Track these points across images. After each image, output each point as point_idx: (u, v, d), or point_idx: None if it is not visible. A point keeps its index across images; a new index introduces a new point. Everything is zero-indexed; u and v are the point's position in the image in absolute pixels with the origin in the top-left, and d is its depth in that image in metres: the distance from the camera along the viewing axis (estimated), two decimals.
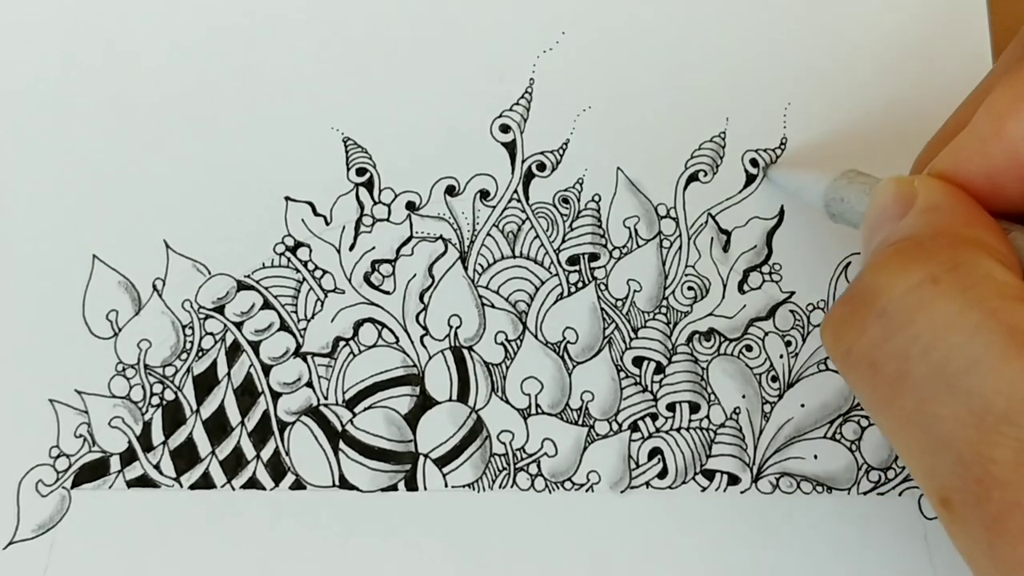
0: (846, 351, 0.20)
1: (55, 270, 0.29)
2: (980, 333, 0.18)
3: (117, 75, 0.30)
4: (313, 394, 0.28)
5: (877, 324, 0.19)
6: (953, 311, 0.18)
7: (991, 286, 0.19)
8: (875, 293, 0.20)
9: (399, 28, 0.31)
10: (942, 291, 0.19)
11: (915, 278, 0.19)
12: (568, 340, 0.28)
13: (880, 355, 0.19)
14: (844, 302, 0.21)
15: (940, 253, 0.20)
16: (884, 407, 0.19)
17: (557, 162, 0.30)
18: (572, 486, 0.28)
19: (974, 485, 0.18)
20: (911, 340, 0.19)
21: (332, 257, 0.29)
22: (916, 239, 0.20)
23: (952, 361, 0.18)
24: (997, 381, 0.18)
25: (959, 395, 0.18)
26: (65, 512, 0.27)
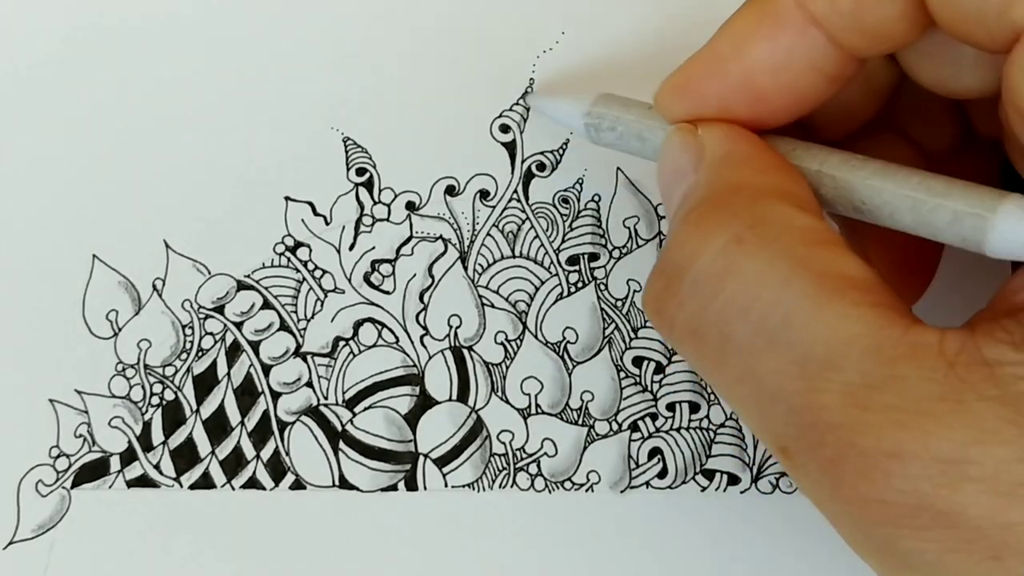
0: (670, 324, 0.20)
1: (55, 270, 0.29)
2: (790, 285, 0.18)
3: (117, 75, 0.30)
4: (313, 394, 0.28)
5: (692, 294, 0.20)
6: (761, 268, 0.19)
7: (794, 235, 0.19)
8: (684, 263, 0.20)
9: (399, 28, 0.31)
10: (747, 250, 0.19)
11: (719, 241, 0.19)
12: (568, 340, 0.28)
13: (701, 324, 0.19)
14: (657, 275, 0.21)
15: (739, 212, 0.20)
16: (714, 372, 0.20)
17: (557, 162, 0.30)
18: (572, 486, 0.28)
19: (808, 431, 0.18)
20: (727, 304, 0.19)
21: (332, 257, 0.29)
22: (713, 200, 0.20)
23: (769, 318, 0.18)
24: (814, 329, 0.18)
25: (780, 349, 0.18)
26: (65, 512, 0.27)
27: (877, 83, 0.24)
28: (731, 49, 0.22)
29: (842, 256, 0.19)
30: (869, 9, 0.20)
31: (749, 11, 0.22)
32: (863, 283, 0.19)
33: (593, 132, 0.26)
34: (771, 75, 0.21)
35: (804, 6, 0.21)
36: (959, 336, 0.17)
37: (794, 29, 0.21)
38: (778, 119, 0.22)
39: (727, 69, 0.22)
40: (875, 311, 0.18)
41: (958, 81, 0.22)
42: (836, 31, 0.21)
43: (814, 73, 0.21)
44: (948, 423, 0.17)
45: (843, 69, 0.21)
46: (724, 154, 0.21)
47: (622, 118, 0.25)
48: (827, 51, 0.21)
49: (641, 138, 0.25)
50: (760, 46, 0.21)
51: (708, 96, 0.22)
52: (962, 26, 0.19)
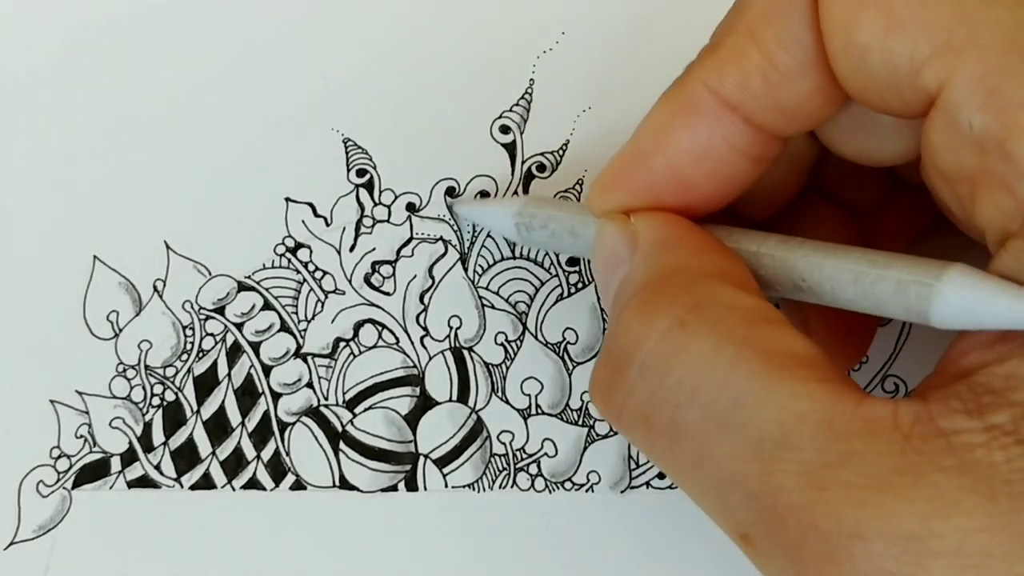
0: (618, 412, 0.20)
1: (55, 271, 0.29)
2: (738, 366, 0.18)
3: (117, 74, 0.30)
4: (313, 395, 0.28)
5: (640, 380, 0.19)
6: (707, 350, 0.18)
7: (736, 315, 0.19)
8: (630, 349, 0.19)
9: (399, 28, 0.31)
10: (691, 332, 0.19)
11: (663, 325, 0.19)
12: (568, 341, 0.28)
13: (651, 409, 0.19)
14: (604, 364, 0.20)
15: (679, 295, 0.19)
16: (667, 458, 0.19)
17: (557, 163, 0.30)
18: (572, 486, 0.28)
19: (768, 515, 0.17)
20: (675, 388, 0.19)
21: (332, 258, 0.29)
22: (652, 285, 0.20)
23: (719, 400, 0.18)
24: (765, 409, 0.17)
25: (733, 431, 0.18)
26: (66, 513, 0.27)
27: (800, 159, 0.24)
28: (653, 142, 0.22)
29: (786, 334, 0.19)
30: (781, 89, 0.20)
31: (665, 102, 0.22)
32: (809, 360, 0.18)
33: (524, 232, 0.26)
34: (695, 163, 0.21)
35: (717, 92, 0.21)
36: (912, 407, 0.17)
37: (711, 116, 0.21)
38: (709, 206, 0.22)
39: (652, 162, 0.22)
40: (824, 387, 0.18)
41: (880, 151, 0.22)
42: (752, 113, 0.21)
43: (738, 156, 0.21)
44: (908, 497, 0.16)
45: (766, 149, 0.21)
46: (659, 238, 0.21)
47: (554, 215, 0.25)
48: (747, 134, 0.21)
49: (574, 233, 0.24)
50: (680, 136, 0.21)
51: (637, 190, 0.22)
52: (875, 96, 0.19)
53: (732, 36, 0.21)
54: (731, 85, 0.20)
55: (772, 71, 0.20)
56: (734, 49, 0.20)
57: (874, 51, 0.18)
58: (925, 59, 0.18)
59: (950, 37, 0.18)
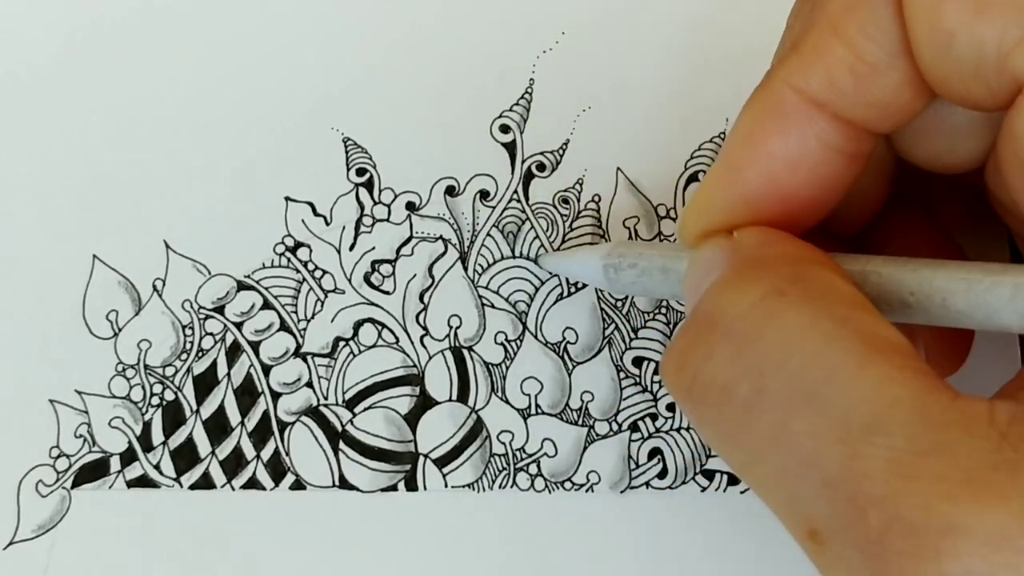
0: (691, 379, 0.19)
1: (55, 270, 0.29)
2: (834, 340, 0.17)
3: (117, 75, 0.30)
4: (313, 394, 0.28)
5: (725, 344, 0.18)
6: (804, 321, 0.18)
7: (837, 295, 0.18)
8: (719, 313, 0.19)
9: (399, 28, 0.31)
10: (790, 302, 0.18)
11: (759, 292, 0.18)
12: (568, 340, 0.28)
13: (731, 375, 0.18)
14: (684, 331, 0.19)
15: (780, 268, 0.19)
16: (738, 435, 0.18)
17: (557, 162, 0.30)
18: (572, 486, 0.28)
19: (846, 506, 0.16)
20: (764, 354, 0.18)
21: (332, 257, 0.29)
22: (750, 261, 0.20)
23: (810, 371, 0.17)
24: (858, 388, 0.17)
25: (820, 408, 0.17)
26: (65, 512, 0.27)
27: (882, 167, 0.23)
28: (744, 155, 0.21)
29: (884, 323, 0.18)
30: (870, 82, 0.19)
31: (750, 112, 0.21)
32: (906, 349, 0.17)
33: (612, 273, 0.24)
34: (791, 169, 0.20)
35: (804, 92, 0.20)
36: (1008, 406, 0.16)
37: (801, 117, 0.20)
38: (810, 215, 0.21)
39: (746, 175, 0.21)
40: (920, 377, 0.17)
41: (953, 153, 0.21)
42: (842, 110, 0.20)
43: (834, 156, 0.20)
44: (1004, 493, 0.15)
45: (860, 145, 0.21)
46: (761, 240, 0.20)
47: (644, 253, 0.24)
48: (840, 131, 0.20)
49: (665, 269, 0.23)
50: (772, 144, 0.20)
51: (734, 207, 0.21)
52: (960, 85, 0.19)
53: (814, 33, 0.20)
54: (818, 83, 0.20)
55: (859, 64, 0.19)
56: (817, 45, 0.20)
57: (960, 36, 0.18)
58: (1015, 44, 0.17)
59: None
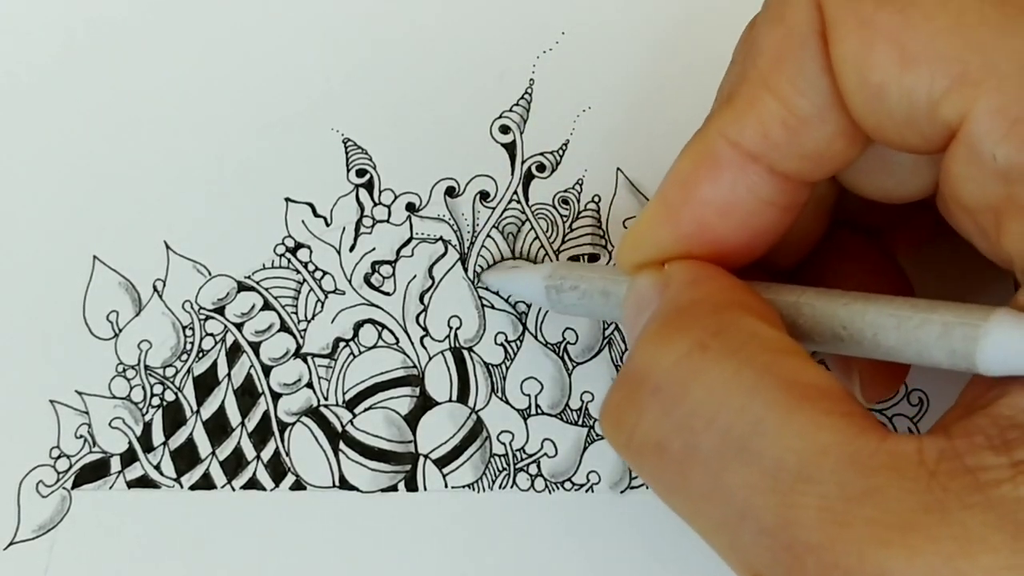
0: (628, 437, 0.19)
1: (55, 270, 0.29)
2: (758, 392, 0.17)
3: (117, 75, 0.30)
4: (313, 395, 0.28)
5: (653, 402, 0.18)
6: (727, 374, 0.18)
7: (759, 343, 0.18)
8: (645, 371, 0.19)
9: (399, 28, 0.31)
10: (712, 356, 0.18)
11: (682, 347, 0.18)
12: (568, 341, 0.28)
13: (663, 434, 0.18)
14: (616, 388, 0.20)
15: (702, 319, 0.19)
16: (677, 488, 0.19)
17: (557, 163, 0.30)
18: (572, 486, 0.28)
19: (784, 554, 0.16)
20: (691, 412, 0.18)
21: (332, 258, 0.29)
22: (675, 312, 0.20)
23: (736, 426, 0.17)
24: (785, 438, 0.17)
25: (750, 459, 0.17)
26: (65, 513, 0.27)
27: (824, 202, 0.23)
28: (678, 196, 0.21)
29: (808, 366, 0.18)
30: (803, 135, 0.20)
31: (687, 156, 0.21)
32: (832, 392, 0.18)
33: (554, 295, 0.25)
34: (721, 216, 0.21)
35: (737, 144, 0.20)
36: (937, 443, 0.17)
37: (733, 168, 0.20)
38: (743, 257, 0.22)
39: (679, 216, 0.21)
40: (847, 420, 0.17)
41: (900, 188, 0.21)
42: (775, 162, 0.20)
43: (765, 207, 0.21)
44: (934, 536, 0.15)
45: (794, 197, 0.21)
46: (691, 278, 0.21)
47: (585, 276, 0.25)
48: (773, 183, 0.20)
49: (605, 293, 0.24)
50: (704, 190, 0.21)
51: (667, 244, 0.21)
52: (894, 134, 0.19)
53: (746, 86, 0.20)
54: (751, 136, 0.20)
55: (791, 117, 0.20)
56: (750, 99, 0.20)
57: (890, 88, 0.18)
58: (943, 93, 0.17)
59: (966, 68, 0.17)
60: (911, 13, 0.18)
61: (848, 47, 0.18)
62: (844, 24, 0.18)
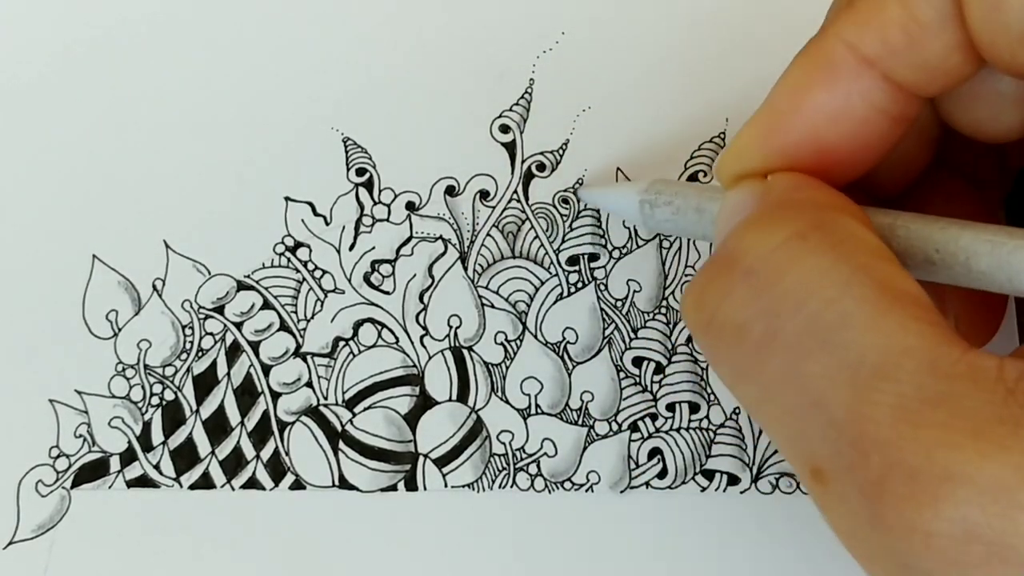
0: (709, 317, 0.19)
1: (55, 270, 0.29)
2: (851, 287, 0.17)
3: (117, 75, 0.30)
4: (313, 394, 0.28)
5: (744, 284, 0.18)
6: (824, 266, 0.18)
7: (859, 243, 0.18)
8: (740, 254, 0.19)
9: (399, 28, 0.31)
10: (811, 247, 0.18)
11: (781, 235, 0.18)
12: (568, 340, 0.28)
13: (748, 315, 0.18)
14: (706, 269, 0.20)
15: (805, 213, 0.19)
16: (751, 373, 0.18)
17: (557, 162, 0.30)
18: (572, 486, 0.28)
19: (849, 448, 0.17)
20: (781, 297, 0.18)
21: (332, 257, 0.29)
22: (775, 203, 0.20)
23: (824, 316, 0.17)
24: (871, 335, 0.17)
25: (832, 351, 0.17)
26: (65, 512, 0.27)
27: (927, 131, 0.23)
28: (789, 104, 0.21)
29: (904, 275, 0.18)
30: (923, 43, 0.19)
31: (800, 63, 0.21)
32: (922, 301, 0.18)
33: (648, 209, 0.25)
34: (834, 124, 0.21)
35: (856, 49, 0.20)
36: (1019, 365, 0.16)
37: (850, 73, 0.20)
38: (848, 171, 0.21)
39: (788, 125, 0.21)
40: (933, 328, 0.17)
41: (997, 122, 0.21)
42: (892, 70, 0.20)
43: (878, 116, 0.21)
44: (1006, 445, 0.15)
45: (906, 108, 0.21)
46: (794, 185, 0.21)
47: (680, 191, 0.24)
48: (887, 91, 0.20)
49: (699, 209, 0.23)
50: (818, 96, 0.20)
51: (773, 153, 0.21)
52: (1007, 52, 0.19)
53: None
54: (871, 40, 0.20)
55: (912, 24, 0.19)
56: (872, 3, 0.20)
57: (1011, 2, 0.18)
58: None
59: None
60: None
61: None
62: None
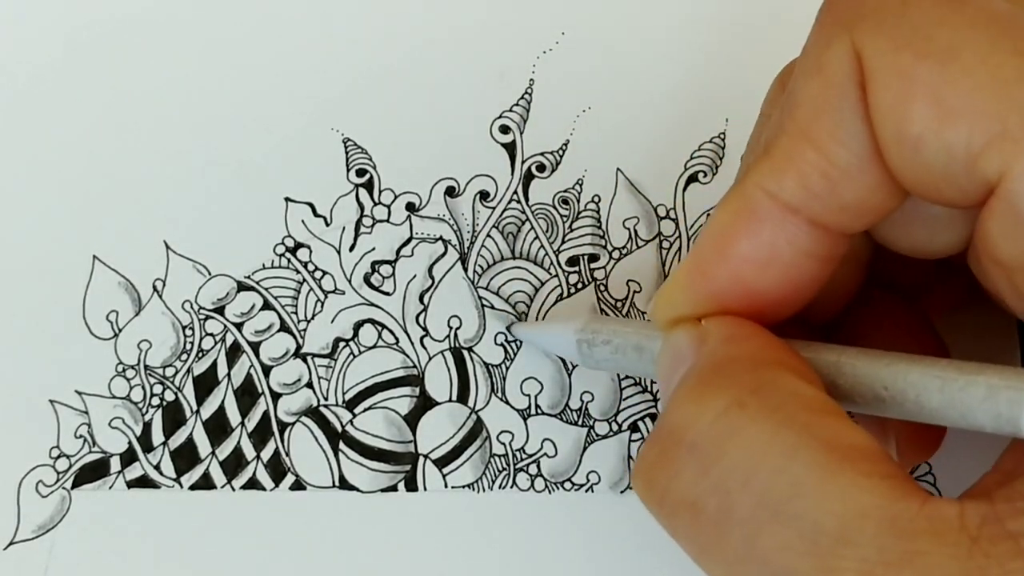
0: (661, 496, 0.19)
1: (55, 270, 0.29)
2: (797, 453, 0.17)
3: (117, 75, 0.30)
4: (313, 395, 0.28)
5: (689, 460, 0.18)
6: (766, 434, 0.18)
7: (798, 402, 0.18)
8: (681, 428, 0.19)
9: (399, 28, 0.31)
10: (750, 415, 0.18)
11: (720, 405, 0.18)
12: None
13: (698, 493, 0.18)
14: (651, 444, 0.19)
15: (741, 376, 0.19)
16: (711, 550, 0.18)
17: (557, 163, 0.30)
18: (572, 486, 0.28)
19: None
20: (728, 472, 0.18)
21: (332, 258, 0.29)
22: (712, 368, 0.20)
23: (774, 488, 0.17)
24: (824, 501, 0.17)
25: (788, 523, 0.17)
26: (65, 513, 0.27)
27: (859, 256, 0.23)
28: (714, 251, 0.21)
29: (847, 427, 0.18)
30: (842, 186, 0.19)
31: (723, 210, 0.21)
32: (871, 454, 0.17)
33: (586, 348, 0.25)
34: (760, 271, 0.21)
35: (776, 196, 0.20)
36: (979, 508, 0.16)
37: (773, 221, 0.20)
38: (781, 312, 0.21)
39: (714, 272, 0.21)
40: (887, 483, 0.17)
41: (933, 243, 0.21)
42: (815, 214, 0.20)
43: (804, 259, 0.21)
44: None
45: (833, 249, 0.21)
46: (728, 334, 0.20)
47: (618, 330, 0.24)
48: (813, 235, 0.20)
49: (639, 348, 0.23)
50: (742, 244, 0.20)
51: (702, 299, 0.21)
52: (931, 187, 0.19)
53: (784, 137, 0.20)
54: (790, 187, 0.20)
55: (831, 168, 0.19)
56: (788, 150, 0.20)
57: (928, 141, 0.18)
58: (981, 148, 0.17)
59: (1005, 125, 0.17)
60: (951, 67, 0.18)
61: (887, 98, 0.18)
62: (883, 75, 0.18)
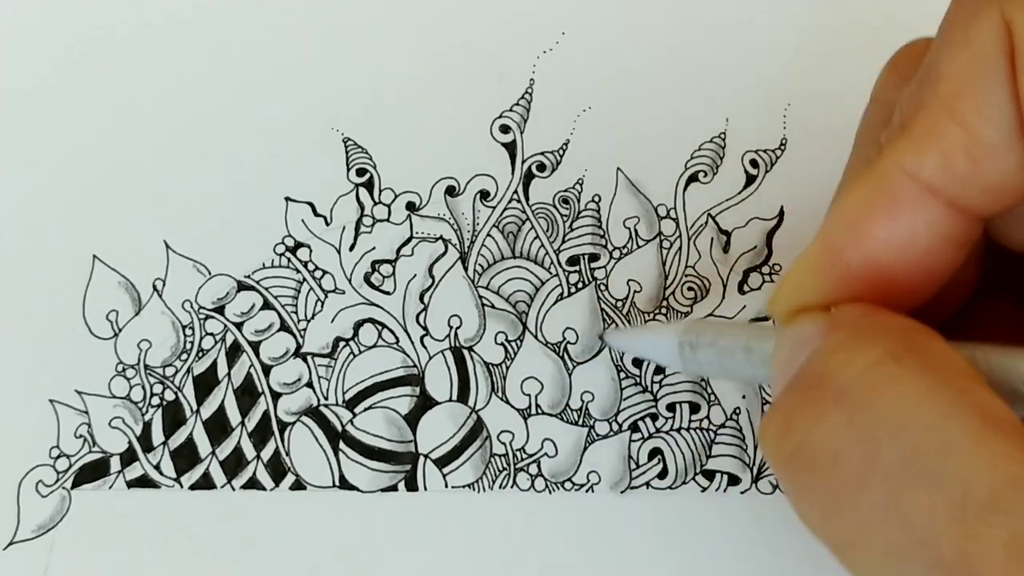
0: (797, 445, 0.18)
1: (55, 270, 0.29)
2: (953, 414, 0.16)
3: (117, 75, 0.30)
4: (313, 394, 0.28)
5: (835, 407, 0.17)
6: (921, 390, 0.17)
7: (954, 368, 0.17)
8: (829, 375, 0.18)
9: (399, 28, 0.31)
10: (906, 368, 0.17)
11: (874, 355, 0.17)
12: (568, 340, 0.28)
13: (843, 441, 0.17)
14: (788, 392, 0.18)
15: (895, 333, 0.18)
16: (844, 508, 0.17)
17: (557, 162, 0.30)
18: (572, 486, 0.28)
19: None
20: (878, 420, 0.17)
21: (332, 257, 0.29)
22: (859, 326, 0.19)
23: (926, 443, 0.16)
24: (976, 465, 0.16)
25: (936, 483, 0.16)
26: (65, 512, 0.27)
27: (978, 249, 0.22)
28: (848, 236, 0.20)
29: (999, 402, 0.17)
30: (987, 165, 0.18)
31: (858, 192, 0.20)
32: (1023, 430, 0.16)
33: (688, 352, 0.23)
34: (897, 256, 0.19)
35: (917, 176, 0.19)
36: None
37: (912, 202, 0.19)
38: (909, 301, 0.20)
39: (847, 259, 0.20)
40: None
41: None
42: (956, 195, 0.19)
43: (941, 243, 0.19)
44: None
45: (969, 232, 0.20)
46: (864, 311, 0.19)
47: (725, 331, 0.23)
48: (951, 218, 0.19)
49: (748, 349, 0.22)
50: (879, 228, 0.19)
51: (832, 288, 0.20)
52: None
53: (925, 114, 0.19)
54: (932, 166, 0.19)
55: (975, 147, 0.18)
56: (930, 127, 0.19)
57: None
58: None
59: None
60: None
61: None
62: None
